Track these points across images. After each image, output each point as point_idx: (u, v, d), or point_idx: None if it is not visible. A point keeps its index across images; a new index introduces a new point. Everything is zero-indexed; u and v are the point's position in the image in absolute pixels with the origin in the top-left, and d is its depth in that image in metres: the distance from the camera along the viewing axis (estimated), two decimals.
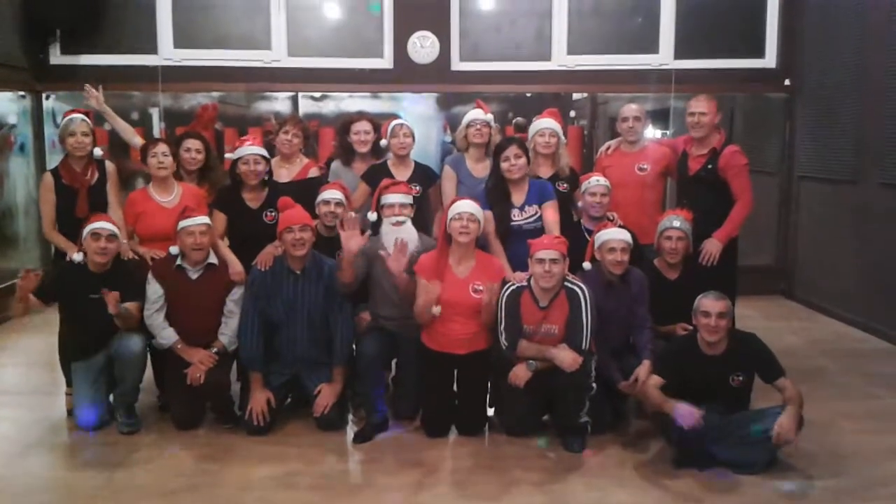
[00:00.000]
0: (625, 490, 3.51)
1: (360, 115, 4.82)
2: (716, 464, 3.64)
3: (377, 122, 4.79)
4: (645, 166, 4.78)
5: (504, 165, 4.28)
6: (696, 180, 4.65)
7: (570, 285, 3.89)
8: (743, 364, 3.74)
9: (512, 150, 4.27)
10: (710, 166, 4.59)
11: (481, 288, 3.95)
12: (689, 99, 4.74)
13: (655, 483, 3.56)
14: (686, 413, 3.55)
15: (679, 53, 7.17)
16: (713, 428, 3.66)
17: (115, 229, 4.02)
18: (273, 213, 4.30)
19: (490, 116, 4.56)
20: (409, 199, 4.18)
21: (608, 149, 4.95)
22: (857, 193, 6.21)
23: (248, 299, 4.13)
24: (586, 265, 4.11)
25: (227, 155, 4.46)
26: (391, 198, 4.13)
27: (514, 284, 3.94)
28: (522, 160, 4.27)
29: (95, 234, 3.95)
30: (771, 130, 7.42)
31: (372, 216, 4.26)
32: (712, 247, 4.47)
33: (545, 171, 4.54)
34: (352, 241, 3.97)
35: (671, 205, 5.06)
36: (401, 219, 4.10)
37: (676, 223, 4.25)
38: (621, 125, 4.86)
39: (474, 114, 4.54)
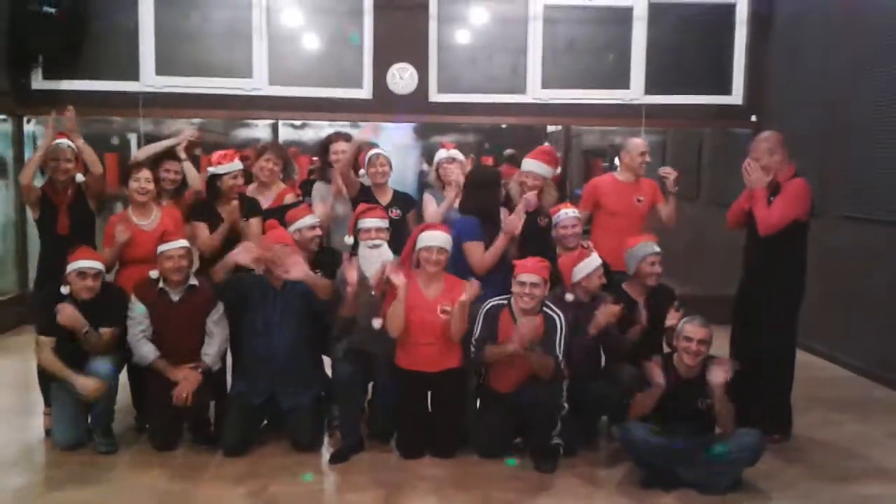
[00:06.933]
0: None
1: (339, 136, 4.97)
2: (682, 484, 3.75)
3: None
4: (642, 198, 5.04)
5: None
6: None
7: (548, 311, 4.01)
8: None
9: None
10: (772, 198, 4.56)
11: (448, 309, 4.06)
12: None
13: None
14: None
15: (649, 89, 7.37)
16: (679, 450, 3.78)
17: (101, 266, 4.11)
18: None
19: (452, 152, 4.78)
20: (385, 224, 4.29)
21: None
22: (820, 227, 6.37)
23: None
24: (569, 297, 4.22)
25: (209, 168, 4.55)
26: (367, 222, 4.23)
27: (492, 301, 4.07)
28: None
29: (82, 274, 4.03)
30: (737, 165, 7.40)
31: (349, 240, 4.36)
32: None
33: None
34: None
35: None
36: (377, 242, 4.20)
37: (656, 248, 4.40)
38: (636, 158, 5.05)
39: (441, 154, 4.81)
